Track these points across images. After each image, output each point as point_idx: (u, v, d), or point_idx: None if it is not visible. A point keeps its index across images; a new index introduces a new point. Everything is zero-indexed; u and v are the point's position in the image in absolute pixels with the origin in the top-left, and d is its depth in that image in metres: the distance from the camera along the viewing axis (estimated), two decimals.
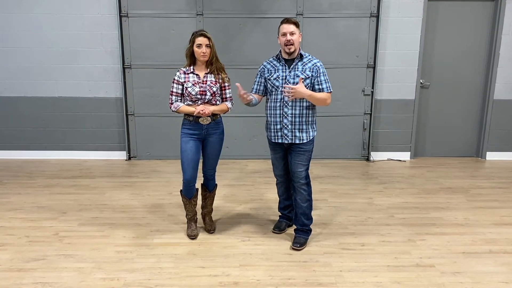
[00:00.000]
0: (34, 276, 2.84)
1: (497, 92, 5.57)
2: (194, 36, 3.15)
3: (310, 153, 3.25)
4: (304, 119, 3.15)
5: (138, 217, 3.81)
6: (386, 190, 4.55)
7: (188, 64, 3.26)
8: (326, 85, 3.13)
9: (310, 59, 3.14)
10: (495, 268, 2.99)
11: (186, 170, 3.26)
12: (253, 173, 5.10)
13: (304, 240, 3.28)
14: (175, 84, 3.25)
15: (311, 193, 3.29)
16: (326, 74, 3.14)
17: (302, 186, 3.24)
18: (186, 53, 3.23)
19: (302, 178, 3.21)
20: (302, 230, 3.31)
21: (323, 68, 3.13)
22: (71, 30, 5.32)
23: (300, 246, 3.23)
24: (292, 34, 3.04)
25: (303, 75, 3.08)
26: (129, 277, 2.85)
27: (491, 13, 5.45)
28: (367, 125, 5.63)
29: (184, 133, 3.28)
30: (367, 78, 5.51)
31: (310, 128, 3.20)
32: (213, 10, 5.30)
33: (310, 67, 3.10)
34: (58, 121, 5.58)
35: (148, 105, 5.52)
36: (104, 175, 5.02)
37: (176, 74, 3.25)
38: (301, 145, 3.19)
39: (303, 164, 3.21)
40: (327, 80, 3.14)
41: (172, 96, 3.26)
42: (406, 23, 5.36)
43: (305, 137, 3.17)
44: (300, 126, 3.16)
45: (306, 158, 3.22)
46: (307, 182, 3.24)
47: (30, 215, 3.84)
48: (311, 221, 3.33)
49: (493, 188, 4.65)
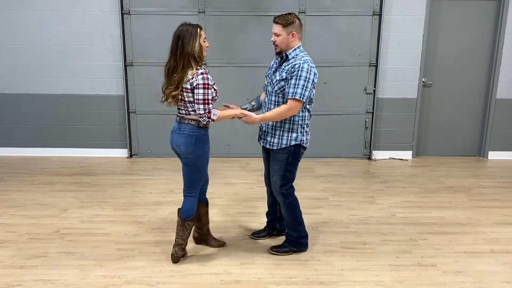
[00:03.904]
0: (35, 273, 2.85)
1: (499, 91, 5.55)
2: (200, 29, 2.77)
3: (284, 163, 2.95)
4: (277, 123, 2.92)
5: (139, 215, 3.81)
6: (387, 189, 4.54)
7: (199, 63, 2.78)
8: (293, 90, 2.77)
9: (295, 61, 2.83)
10: (497, 268, 2.99)
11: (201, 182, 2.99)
12: (254, 171, 5.09)
13: (286, 248, 3.11)
14: (211, 90, 2.75)
15: (292, 206, 3.05)
16: (302, 78, 2.76)
17: (278, 196, 3.05)
18: (198, 50, 2.74)
19: (277, 187, 3.00)
20: (287, 239, 3.15)
21: (302, 72, 2.77)
22: (73, 27, 5.31)
23: (274, 249, 3.12)
24: (277, 36, 2.85)
25: (279, 76, 2.87)
26: (130, 274, 2.85)
27: (494, 12, 5.42)
28: (369, 124, 5.62)
29: (205, 141, 2.88)
30: (369, 77, 5.49)
31: (284, 135, 2.92)
32: (215, 7, 5.28)
33: (288, 69, 2.83)
34: (60, 119, 5.57)
35: (150, 102, 5.50)
36: (106, 172, 5.01)
37: (208, 78, 2.74)
38: (274, 152, 2.98)
39: (277, 174, 2.98)
40: (298, 85, 2.77)
41: (209, 104, 2.75)
42: (409, 22, 5.34)
43: (276, 144, 2.94)
44: (272, 130, 2.95)
45: (280, 168, 2.97)
46: (283, 193, 3.00)
47: (31, 212, 3.84)
48: (296, 232, 3.10)
49: (495, 187, 4.63)
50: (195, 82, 2.71)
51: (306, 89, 2.78)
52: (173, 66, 2.76)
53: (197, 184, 2.95)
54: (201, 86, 2.70)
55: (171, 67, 2.77)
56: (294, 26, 2.88)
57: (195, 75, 2.72)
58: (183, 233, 2.99)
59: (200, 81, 2.70)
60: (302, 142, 2.96)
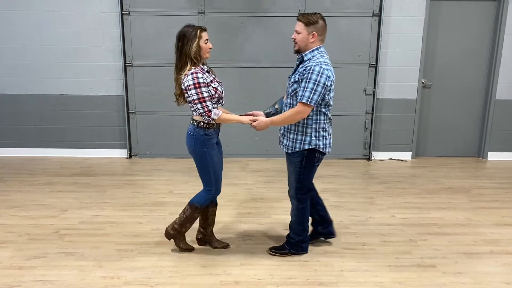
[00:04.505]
0: (34, 274, 2.84)
1: (499, 92, 5.56)
2: (200, 31, 2.78)
3: (298, 167, 2.90)
4: (291, 127, 2.88)
5: (139, 215, 3.81)
6: (387, 190, 4.54)
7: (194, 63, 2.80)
8: (301, 94, 2.70)
9: (309, 63, 2.75)
10: (496, 269, 2.99)
11: (220, 183, 3.03)
12: (254, 172, 5.10)
13: (285, 250, 3.09)
14: (204, 88, 2.74)
15: (303, 211, 3.03)
16: (311, 81, 2.68)
17: (293, 199, 3.04)
18: (195, 50, 2.75)
19: (292, 190, 3.01)
20: (288, 240, 3.12)
21: (312, 74, 2.68)
22: (73, 28, 5.31)
23: (273, 250, 3.11)
24: (297, 33, 2.80)
25: (293, 78, 2.83)
26: (130, 275, 2.84)
27: (494, 13, 5.43)
28: (368, 125, 5.62)
29: (210, 144, 2.90)
30: (369, 78, 5.49)
31: (297, 138, 2.86)
32: (215, 8, 5.28)
33: (301, 71, 2.76)
34: (59, 119, 5.57)
35: (149, 103, 5.51)
36: (105, 173, 5.01)
37: (197, 77, 2.73)
38: (288, 155, 2.95)
39: (292, 177, 2.97)
40: (307, 88, 2.68)
41: (206, 103, 2.74)
42: (408, 23, 5.34)
43: (290, 147, 2.89)
44: (288, 134, 2.91)
45: (294, 171, 2.94)
46: (298, 197, 2.99)
47: (30, 212, 3.84)
48: (299, 237, 3.08)
49: (494, 188, 4.64)
50: (185, 83, 2.77)
51: (315, 93, 2.69)
52: (176, 65, 2.86)
53: (207, 180, 2.98)
54: (192, 87, 2.73)
55: (176, 67, 2.86)
56: (316, 27, 2.83)
57: (186, 76, 2.77)
58: (181, 216, 3.07)
59: (190, 81, 2.74)
60: (318, 147, 2.86)
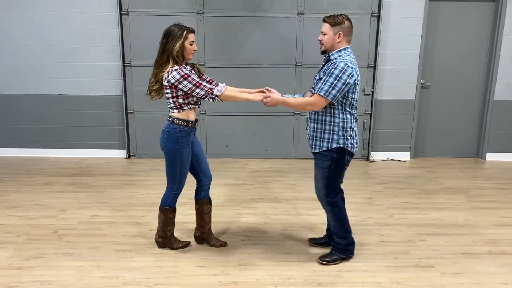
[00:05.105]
0: (33, 274, 2.84)
1: (497, 93, 5.57)
2: (187, 32, 2.85)
3: (326, 170, 2.86)
4: (319, 126, 2.83)
5: (137, 216, 3.80)
6: (386, 190, 4.54)
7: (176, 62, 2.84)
8: (320, 86, 2.71)
9: (335, 61, 2.76)
10: (495, 269, 2.99)
11: (183, 182, 3.05)
12: (253, 172, 5.09)
13: (335, 256, 3.03)
14: (193, 76, 2.84)
15: (339, 214, 2.97)
16: (332, 76, 2.68)
17: (323, 204, 2.99)
18: (178, 50, 2.81)
19: (321, 195, 2.95)
20: (335, 246, 3.06)
21: (335, 70, 2.69)
22: (72, 28, 5.31)
23: (323, 259, 3.03)
24: (324, 34, 2.83)
25: (318, 76, 2.84)
26: (128, 275, 2.84)
27: (492, 14, 5.44)
28: (367, 125, 5.63)
29: (184, 142, 2.94)
30: (367, 78, 5.50)
31: (324, 137, 2.82)
32: (214, 8, 5.28)
33: (326, 68, 2.79)
34: (58, 119, 5.56)
35: (148, 103, 5.45)
36: (104, 173, 5.01)
37: (182, 69, 2.80)
38: (316, 158, 2.91)
39: (320, 181, 2.91)
40: (327, 82, 2.69)
41: (202, 84, 2.82)
42: (407, 23, 5.35)
43: (318, 146, 2.85)
44: (314, 133, 2.86)
45: (321, 175, 2.89)
46: (328, 201, 2.94)
47: (29, 213, 3.83)
48: (344, 240, 3.02)
49: (493, 188, 4.64)
50: (172, 80, 2.82)
51: (334, 88, 2.67)
52: (156, 61, 2.92)
53: (172, 179, 3.02)
54: (181, 79, 2.80)
55: (156, 62, 2.93)
56: (342, 27, 2.86)
57: (169, 73, 2.83)
58: (159, 223, 3.14)
59: (177, 76, 2.80)
60: (346, 146, 2.82)
